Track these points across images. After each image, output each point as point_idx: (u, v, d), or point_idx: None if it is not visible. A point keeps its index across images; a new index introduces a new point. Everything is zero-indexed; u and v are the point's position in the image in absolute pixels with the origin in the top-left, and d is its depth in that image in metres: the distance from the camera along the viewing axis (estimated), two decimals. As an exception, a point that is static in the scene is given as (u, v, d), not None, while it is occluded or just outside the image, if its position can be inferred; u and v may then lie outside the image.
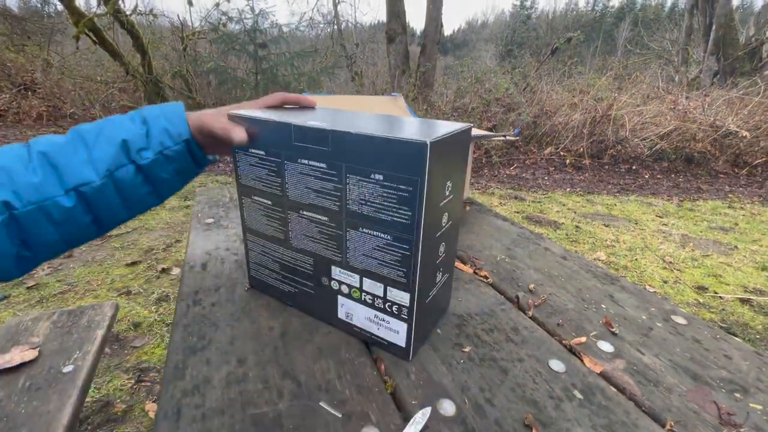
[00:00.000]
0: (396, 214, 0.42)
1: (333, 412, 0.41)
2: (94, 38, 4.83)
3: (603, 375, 0.48)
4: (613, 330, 0.56)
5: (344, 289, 0.50)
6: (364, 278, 0.48)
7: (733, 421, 0.42)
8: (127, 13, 4.93)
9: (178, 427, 0.38)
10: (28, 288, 1.67)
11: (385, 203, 0.42)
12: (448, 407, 0.42)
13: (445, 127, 0.44)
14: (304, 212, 0.49)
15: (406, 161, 0.39)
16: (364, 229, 0.45)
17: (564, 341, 0.53)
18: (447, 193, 0.45)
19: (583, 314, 0.60)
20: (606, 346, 0.52)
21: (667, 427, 0.41)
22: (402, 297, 0.46)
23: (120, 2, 4.72)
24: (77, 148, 0.43)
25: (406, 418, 0.41)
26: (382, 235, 0.44)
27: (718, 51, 7.04)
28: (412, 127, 0.44)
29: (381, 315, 0.49)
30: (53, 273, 1.81)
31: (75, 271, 1.84)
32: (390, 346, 0.49)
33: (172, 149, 0.46)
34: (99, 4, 5.06)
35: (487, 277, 0.69)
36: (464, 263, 0.74)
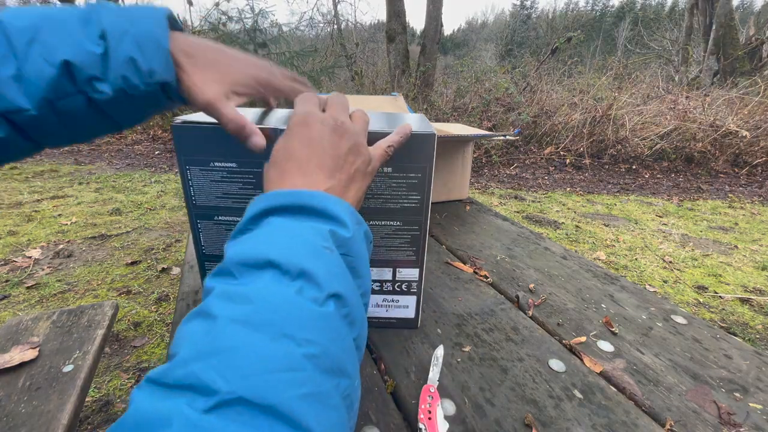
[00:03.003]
0: (406, 201, 0.45)
1: (333, 411, 0.41)
2: (94, 38, 4.81)
3: (603, 375, 0.48)
4: (613, 330, 0.56)
5: None
6: (371, 268, 0.48)
7: (732, 421, 0.42)
8: (127, 12, 4.91)
9: (178, 427, 0.38)
10: (28, 288, 1.67)
11: (394, 193, 0.45)
12: (448, 407, 0.42)
13: (423, 120, 0.48)
14: None
15: (415, 152, 0.43)
16: (371, 222, 0.46)
17: (564, 341, 0.53)
18: None
19: (583, 314, 0.60)
20: (606, 346, 0.52)
21: (667, 426, 0.41)
22: (412, 273, 0.50)
23: (120, 2, 4.71)
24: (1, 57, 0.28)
25: (406, 418, 0.41)
26: (391, 223, 0.47)
27: (718, 51, 7.04)
28: (400, 121, 0.46)
29: (390, 297, 0.51)
30: (53, 273, 1.81)
31: (75, 271, 1.84)
32: (398, 322, 0.53)
33: (140, 89, 0.31)
34: (99, 4, 5.04)
35: (487, 277, 0.69)
36: (464, 263, 0.74)
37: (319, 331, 0.22)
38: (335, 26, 8.72)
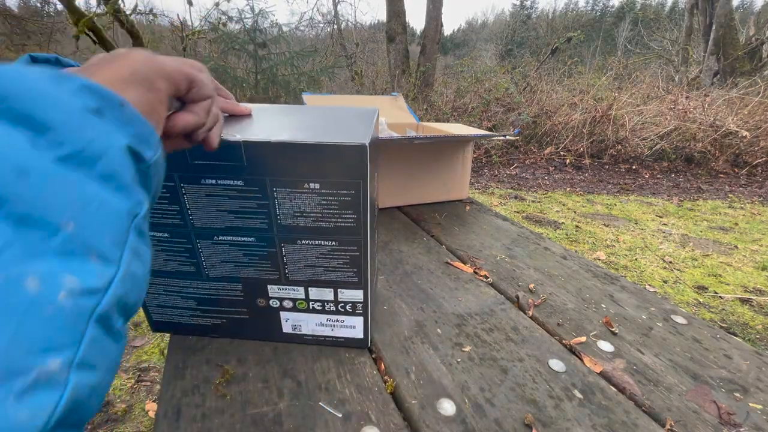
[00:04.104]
0: (340, 220, 0.40)
1: (333, 411, 0.41)
2: (94, 38, 4.83)
3: (603, 375, 0.48)
4: (613, 330, 0.56)
5: (287, 304, 0.47)
6: (309, 288, 0.46)
7: (733, 421, 0.42)
8: (127, 12, 4.92)
9: (178, 427, 0.38)
10: (28, 288, 1.67)
11: (326, 211, 0.40)
12: (448, 407, 0.42)
13: (365, 120, 0.42)
14: (221, 237, 0.42)
15: (345, 165, 0.37)
16: (303, 242, 0.42)
17: (564, 341, 0.53)
18: (375, 183, 0.45)
19: (583, 314, 0.60)
20: (606, 346, 0.52)
21: (667, 426, 0.41)
22: (355, 295, 0.46)
23: (120, 2, 4.71)
24: None
25: (406, 418, 0.41)
26: (327, 243, 0.42)
27: (718, 51, 7.04)
28: (336, 125, 0.41)
29: (334, 317, 0.47)
30: (53, 273, 1.81)
31: (75, 271, 1.84)
32: (346, 341, 0.49)
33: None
34: (99, 4, 5.05)
35: (487, 277, 0.69)
36: (464, 263, 0.74)
37: None
38: (335, 26, 8.72)
